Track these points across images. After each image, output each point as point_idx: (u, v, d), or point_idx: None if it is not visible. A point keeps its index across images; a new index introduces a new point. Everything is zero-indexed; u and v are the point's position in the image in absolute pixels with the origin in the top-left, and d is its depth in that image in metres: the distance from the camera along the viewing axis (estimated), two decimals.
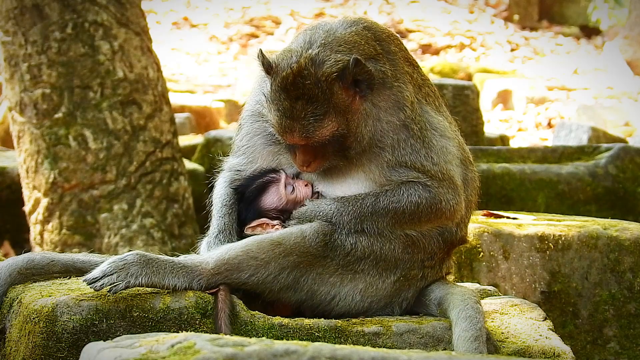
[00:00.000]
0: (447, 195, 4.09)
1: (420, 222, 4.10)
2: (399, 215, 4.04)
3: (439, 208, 4.09)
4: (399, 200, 4.04)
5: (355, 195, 4.06)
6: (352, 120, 4.01)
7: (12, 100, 7.69)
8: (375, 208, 4.02)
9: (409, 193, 4.05)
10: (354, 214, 4.01)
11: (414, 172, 4.07)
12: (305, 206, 4.08)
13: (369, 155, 4.09)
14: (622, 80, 20.68)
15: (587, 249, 5.48)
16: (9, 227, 8.53)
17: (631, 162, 8.25)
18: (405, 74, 4.16)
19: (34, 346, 3.74)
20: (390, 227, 4.05)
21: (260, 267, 3.94)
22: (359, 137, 4.03)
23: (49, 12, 7.56)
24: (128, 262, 3.81)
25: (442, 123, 4.22)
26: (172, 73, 19.52)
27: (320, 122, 3.96)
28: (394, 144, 4.07)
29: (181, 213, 7.77)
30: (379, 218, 4.03)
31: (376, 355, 2.63)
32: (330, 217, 4.02)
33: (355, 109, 4.02)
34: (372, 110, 4.05)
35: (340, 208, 4.02)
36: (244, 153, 4.33)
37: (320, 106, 3.94)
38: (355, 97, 4.01)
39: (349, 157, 4.08)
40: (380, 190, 4.06)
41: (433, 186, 4.07)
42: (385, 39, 4.20)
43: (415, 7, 24.84)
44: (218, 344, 2.72)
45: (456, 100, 9.75)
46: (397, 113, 4.08)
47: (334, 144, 4.02)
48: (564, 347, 4.07)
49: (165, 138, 7.78)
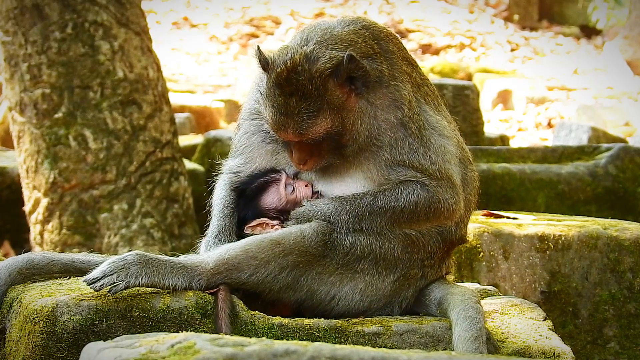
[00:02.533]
0: (445, 195, 4.09)
1: (419, 221, 4.09)
2: (397, 214, 4.04)
3: (438, 207, 4.08)
4: (397, 200, 4.04)
5: (353, 195, 4.05)
6: (347, 118, 4.00)
7: (12, 100, 7.69)
8: (373, 207, 4.02)
9: (407, 192, 4.05)
10: (352, 214, 4.01)
11: (413, 171, 4.06)
12: (303, 206, 4.07)
13: (366, 154, 4.08)
14: (622, 80, 20.69)
15: (587, 249, 5.48)
16: (9, 227, 8.53)
17: (631, 162, 8.25)
18: (403, 73, 4.16)
19: (34, 346, 3.74)
20: (388, 227, 4.05)
21: (260, 267, 3.94)
22: (355, 135, 4.03)
23: (49, 12, 7.56)
24: (128, 262, 3.81)
25: (441, 122, 4.21)
26: (172, 73, 19.52)
27: (314, 118, 3.96)
28: (392, 142, 4.06)
29: (181, 213, 7.77)
30: (378, 217, 4.03)
31: (376, 355, 2.63)
32: (328, 216, 4.02)
33: (350, 106, 4.01)
34: (368, 108, 4.05)
35: (338, 207, 4.02)
36: (241, 153, 4.33)
37: (314, 102, 3.94)
38: (350, 94, 4.01)
39: (345, 156, 4.07)
40: (378, 190, 4.06)
41: (431, 185, 4.06)
42: (383, 38, 4.20)
43: (415, 7, 24.84)
44: (218, 344, 2.72)
45: (456, 100, 9.75)
46: (394, 111, 4.08)
47: (330, 142, 4.01)
48: (564, 347, 4.07)
49: (165, 138, 7.78)
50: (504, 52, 22.69)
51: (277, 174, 4.18)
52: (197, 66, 20.63)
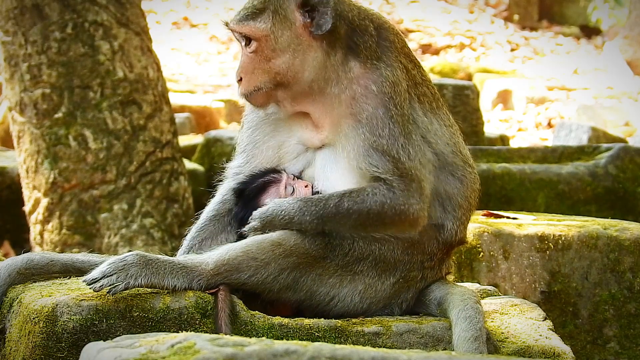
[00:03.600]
0: (411, 199, 3.99)
1: (384, 225, 4.01)
2: (363, 216, 3.96)
3: (403, 211, 3.99)
4: (364, 201, 3.96)
5: (320, 195, 4.00)
6: (289, 45, 4.02)
7: (12, 100, 7.69)
8: (339, 209, 3.94)
9: (373, 193, 3.97)
10: (316, 215, 3.93)
11: (388, 163, 3.97)
12: (267, 205, 4.01)
13: (346, 130, 4.04)
14: (622, 80, 20.69)
15: (587, 249, 5.48)
16: (9, 227, 8.53)
17: (631, 162, 8.25)
18: (398, 62, 4.11)
19: (34, 346, 3.74)
20: (353, 230, 3.98)
21: (260, 268, 3.93)
22: (292, 68, 4.02)
23: (49, 12, 7.56)
24: (128, 263, 3.79)
25: (428, 126, 4.15)
26: (172, 73, 19.51)
27: (255, 15, 4.02)
28: (372, 119, 4.00)
29: (181, 213, 7.77)
30: (343, 219, 3.95)
31: (376, 355, 2.63)
32: (292, 217, 3.94)
33: (298, 34, 4.02)
34: (319, 56, 4.03)
35: (302, 208, 3.94)
36: (244, 150, 4.31)
37: (264, 2, 4.01)
38: (305, 28, 4.02)
39: (291, 101, 4.07)
40: (344, 191, 3.99)
41: (400, 188, 3.98)
42: (386, 29, 4.17)
43: (415, 7, 24.84)
44: (218, 344, 2.72)
45: (456, 100, 9.75)
46: (376, 84, 4.04)
47: (263, 59, 4.01)
48: (564, 347, 4.07)
49: (165, 138, 7.78)
50: (504, 52, 22.69)
51: (278, 175, 4.18)
52: (197, 66, 20.63)
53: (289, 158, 4.23)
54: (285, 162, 4.23)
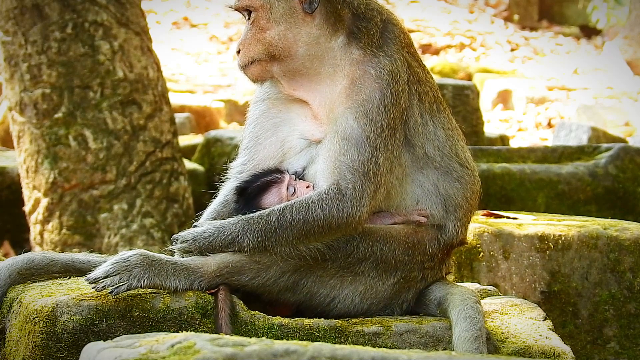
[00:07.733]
0: (361, 207, 3.93)
1: (331, 231, 3.94)
2: (308, 224, 3.90)
3: (349, 214, 3.92)
4: (307, 209, 3.91)
5: (260, 213, 3.94)
6: (282, 16, 4.05)
7: (12, 100, 7.69)
8: (281, 222, 3.89)
9: (319, 200, 3.92)
10: (259, 232, 3.88)
11: (356, 161, 3.92)
12: (202, 226, 3.96)
13: (340, 119, 4.00)
14: (622, 80, 20.68)
15: (587, 249, 5.48)
16: (9, 227, 8.53)
17: (631, 162, 8.25)
18: (400, 55, 4.10)
19: (34, 346, 3.74)
20: (297, 240, 3.91)
21: (262, 271, 3.93)
22: (284, 41, 4.04)
23: (49, 12, 7.56)
24: (131, 264, 3.78)
25: (419, 127, 4.11)
26: (172, 73, 19.51)
27: None
28: (365, 103, 3.98)
29: (181, 213, 7.77)
30: (286, 232, 3.89)
31: (376, 355, 2.63)
32: (235, 235, 3.89)
33: (293, 8, 4.05)
34: (315, 32, 4.05)
35: (245, 226, 3.90)
36: (246, 147, 4.29)
37: None
38: (301, 3, 4.05)
39: (288, 79, 4.08)
40: (285, 205, 3.95)
41: (350, 195, 3.92)
42: (395, 24, 4.16)
43: (415, 7, 24.84)
44: (218, 344, 2.72)
45: (456, 100, 9.75)
46: (375, 69, 4.03)
47: (259, 30, 4.05)
48: (564, 347, 4.07)
49: (165, 138, 7.78)
50: (504, 52, 22.68)
51: (281, 175, 4.17)
52: (197, 66, 20.62)
53: (292, 153, 4.21)
54: (289, 158, 4.21)
